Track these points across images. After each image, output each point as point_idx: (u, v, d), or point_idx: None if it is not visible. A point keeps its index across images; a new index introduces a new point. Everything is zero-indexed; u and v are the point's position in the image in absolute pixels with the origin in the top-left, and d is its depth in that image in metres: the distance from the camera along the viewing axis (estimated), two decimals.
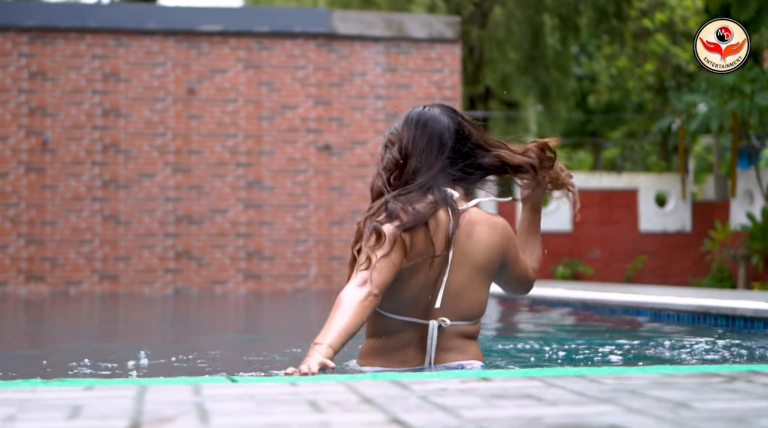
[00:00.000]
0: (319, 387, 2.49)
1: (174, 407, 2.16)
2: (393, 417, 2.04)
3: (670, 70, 23.39)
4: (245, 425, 1.93)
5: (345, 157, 13.22)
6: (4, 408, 2.14)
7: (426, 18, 13.51)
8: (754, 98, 14.12)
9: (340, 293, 3.10)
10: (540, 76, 17.39)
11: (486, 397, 2.33)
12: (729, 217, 15.81)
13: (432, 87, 13.32)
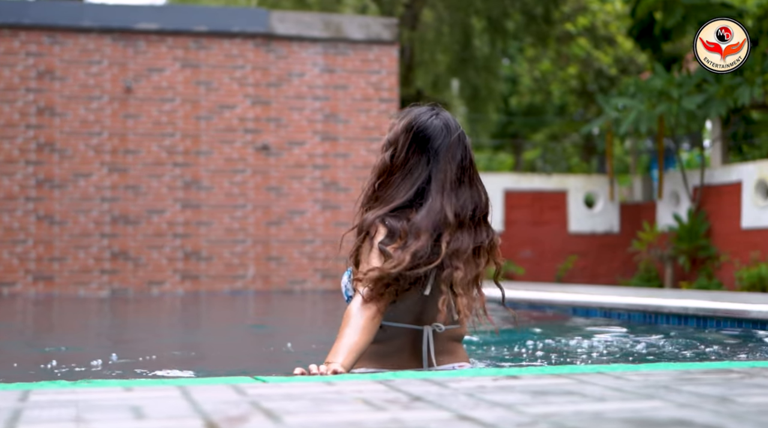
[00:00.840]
0: (360, 386, 2.53)
1: (234, 407, 2.18)
2: (458, 413, 2.09)
3: (592, 73, 23.78)
4: (320, 424, 1.97)
5: (283, 157, 13.21)
6: (63, 409, 2.14)
7: (364, 19, 13.56)
8: (682, 102, 14.45)
9: (348, 309, 3.10)
10: (470, 77, 17.55)
11: (531, 394, 2.39)
12: (656, 218, 16.15)
13: (370, 88, 13.37)
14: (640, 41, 17.35)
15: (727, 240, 14.59)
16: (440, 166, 3.28)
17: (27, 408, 2.16)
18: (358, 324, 3.07)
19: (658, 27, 16.07)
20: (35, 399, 2.31)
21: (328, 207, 13.29)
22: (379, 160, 3.40)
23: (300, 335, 6.99)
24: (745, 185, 14.29)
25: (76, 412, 2.10)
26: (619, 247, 16.47)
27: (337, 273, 13.37)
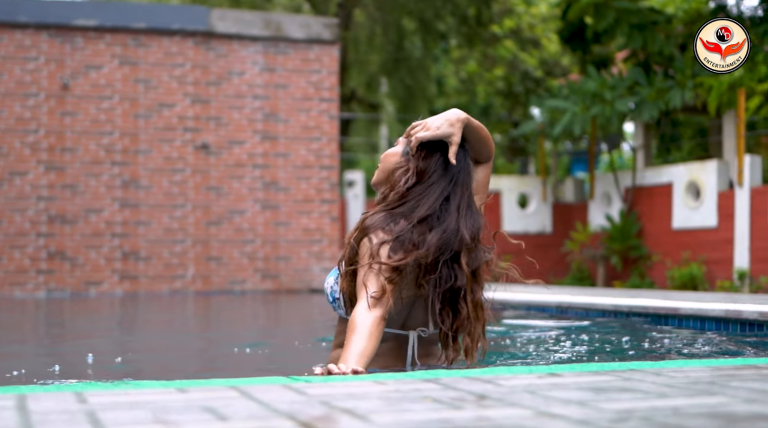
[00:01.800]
0: (412, 385, 2.54)
1: (308, 406, 2.17)
2: (539, 410, 2.12)
3: (518, 75, 24.03)
4: (411, 422, 1.98)
5: (223, 156, 13.11)
6: (138, 410, 2.11)
7: (304, 19, 13.51)
8: (615, 104, 14.69)
9: (353, 316, 3.18)
10: (404, 78, 17.63)
11: (592, 391, 2.43)
12: (588, 219, 16.41)
13: (310, 88, 13.35)
14: (570, 44, 17.61)
15: (658, 241, 14.89)
16: (458, 189, 3.40)
17: (99, 411, 2.13)
18: (366, 330, 3.14)
19: (590, 30, 16.32)
20: (97, 401, 2.28)
21: (268, 207, 13.23)
22: (402, 170, 3.45)
23: (243, 337, 6.90)
24: (676, 186, 14.60)
25: (153, 414, 2.08)
26: (551, 247, 16.69)
27: (276, 273, 13.32)
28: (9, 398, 2.27)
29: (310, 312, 10.16)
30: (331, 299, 3.50)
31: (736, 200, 13.45)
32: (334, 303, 3.50)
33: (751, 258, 13.20)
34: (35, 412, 2.05)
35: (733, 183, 13.67)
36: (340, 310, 3.49)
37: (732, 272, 13.52)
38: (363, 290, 3.22)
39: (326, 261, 13.37)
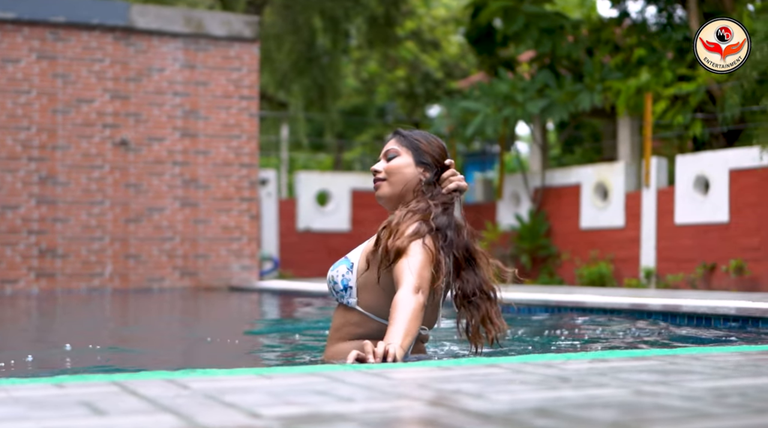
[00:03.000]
0: (485, 370, 2.66)
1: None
2: (637, 389, 2.28)
3: (419, 76, 24.32)
4: (529, 399, 2.10)
5: (142, 153, 12.98)
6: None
7: (225, 16, 13.48)
8: (526, 106, 15.02)
9: (399, 297, 3.29)
10: (316, 77, 17.70)
11: (660, 373, 2.59)
12: (497, 219, 16.73)
13: (230, 85, 13.32)
14: (477, 46, 17.91)
15: (566, 240, 15.28)
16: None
17: (223, 393, 2.18)
18: (411, 312, 3.24)
19: (500, 34, 16.64)
20: (230, 385, 2.34)
21: (188, 204, 13.16)
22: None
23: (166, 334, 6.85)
24: (584, 187, 15.01)
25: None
26: None
27: (195, 271, 13.27)
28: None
29: (231, 309, 10.14)
30: (342, 287, 3.59)
31: (642, 201, 13.90)
32: (345, 291, 3.59)
33: (657, 256, 13.66)
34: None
35: (641, 184, 14.12)
36: (351, 299, 3.59)
37: (638, 270, 13.97)
38: (409, 275, 3.34)
39: (245, 259, 13.37)
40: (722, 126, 14.14)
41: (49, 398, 2.15)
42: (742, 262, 12.34)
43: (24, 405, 2.05)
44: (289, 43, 17.41)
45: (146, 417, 1.89)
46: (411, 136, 3.81)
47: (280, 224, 15.74)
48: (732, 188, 12.70)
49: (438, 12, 25.97)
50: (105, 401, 2.08)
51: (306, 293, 11.53)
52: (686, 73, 14.50)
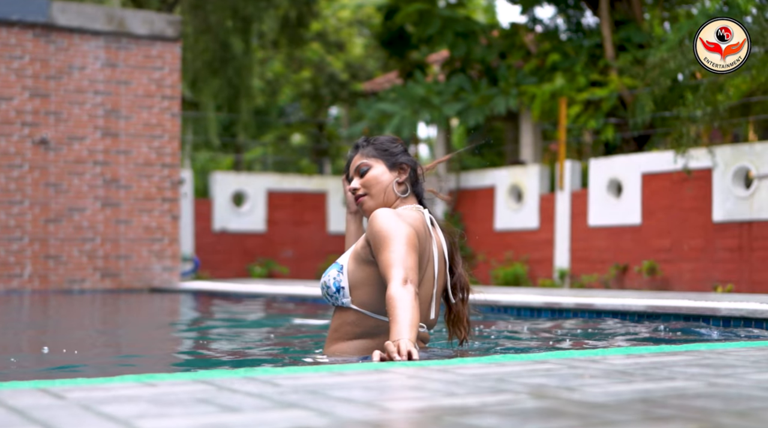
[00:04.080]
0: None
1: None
2: (709, 382, 2.42)
3: (324, 78, 24.40)
4: (621, 392, 2.22)
5: (62, 152, 12.76)
6: (365, 389, 2.23)
7: (148, 15, 13.33)
8: (442, 109, 15.25)
9: (391, 292, 3.27)
10: (230, 77, 17.63)
11: (713, 367, 2.76)
12: None
13: (152, 85, 13.19)
14: (389, 48, 18.09)
15: (481, 241, 15.55)
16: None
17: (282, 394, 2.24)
18: (405, 303, 3.23)
19: (415, 37, 16.83)
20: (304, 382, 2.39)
21: (109, 204, 12.99)
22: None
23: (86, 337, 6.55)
24: (499, 189, 15.30)
25: (375, 394, 2.20)
26: None
27: (116, 272, 13.10)
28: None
29: (151, 311, 10.04)
30: (335, 288, 3.61)
31: (557, 203, 14.24)
32: (338, 292, 3.61)
33: (572, 257, 14.02)
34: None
35: (555, 187, 14.46)
36: (345, 299, 3.62)
37: (553, 271, 14.31)
38: (393, 268, 3.34)
39: (167, 260, 13.26)
40: (633, 131, 14.59)
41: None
42: (654, 263, 12.77)
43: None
44: (203, 42, 17.30)
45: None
46: (375, 144, 3.87)
47: (195, 225, 15.64)
48: (644, 191, 13.12)
49: (343, 13, 26.09)
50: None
51: (227, 294, 11.53)
52: (598, 78, 14.91)
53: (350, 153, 3.94)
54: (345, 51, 25.28)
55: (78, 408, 1.99)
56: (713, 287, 11.97)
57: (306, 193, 16.77)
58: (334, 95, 24.61)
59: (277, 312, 8.71)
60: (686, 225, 12.62)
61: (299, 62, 25.05)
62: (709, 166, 12.17)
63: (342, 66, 24.76)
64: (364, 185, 3.78)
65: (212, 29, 17.47)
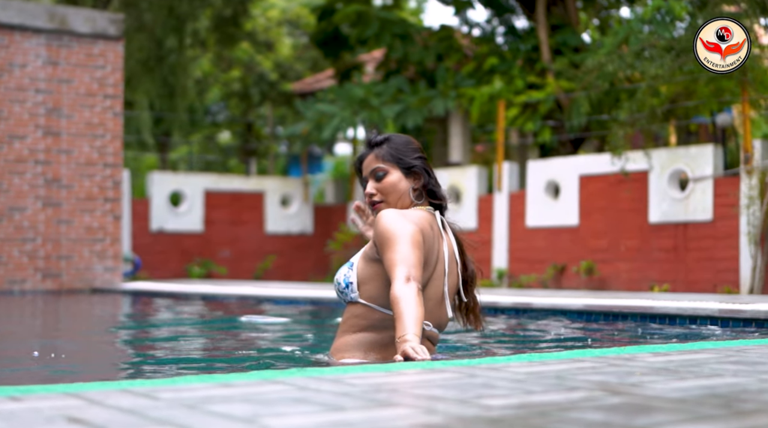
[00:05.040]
0: (592, 363, 2.91)
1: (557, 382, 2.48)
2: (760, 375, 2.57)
3: (253, 77, 24.35)
4: (684, 388, 2.36)
5: (3, 151, 12.56)
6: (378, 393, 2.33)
7: (90, 13, 13.20)
8: (382, 110, 15.35)
9: (396, 290, 3.38)
10: (165, 76, 17.52)
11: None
12: (348, 220, 17.00)
13: (94, 83, 13.07)
14: (324, 49, 18.15)
15: None
16: None
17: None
18: (412, 301, 3.34)
19: (353, 38, 16.91)
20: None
21: (50, 204, 12.83)
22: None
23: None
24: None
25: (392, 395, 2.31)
26: (312, 247, 17.15)
27: (58, 272, 12.95)
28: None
29: (91, 312, 9.92)
30: (344, 285, 3.71)
31: (495, 204, 14.44)
32: (347, 288, 3.71)
33: (510, 257, 14.23)
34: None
35: (493, 188, 14.66)
36: (353, 294, 3.71)
37: (491, 271, 14.51)
38: (396, 267, 3.44)
39: (109, 260, 13.15)
40: (569, 133, 14.88)
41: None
42: (591, 263, 13.03)
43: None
44: (137, 41, 17.17)
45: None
46: (390, 148, 3.85)
47: (132, 225, 15.52)
48: (582, 193, 13.38)
49: (272, 13, 26.06)
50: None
51: (170, 294, 11.50)
52: (536, 81, 15.16)
53: (364, 150, 3.93)
54: (274, 51, 25.27)
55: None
56: (650, 287, 12.25)
57: (244, 193, 16.74)
58: (263, 95, 24.58)
59: (234, 313, 8.72)
60: (623, 226, 12.89)
61: (228, 61, 24.96)
62: (645, 169, 12.45)
63: (271, 66, 24.74)
64: (380, 191, 3.80)
65: (147, 27, 17.34)
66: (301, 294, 9.87)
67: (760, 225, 11.00)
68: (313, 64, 25.47)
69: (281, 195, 17.11)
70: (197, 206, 16.22)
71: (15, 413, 1.99)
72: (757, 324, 5.74)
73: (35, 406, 2.08)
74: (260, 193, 16.85)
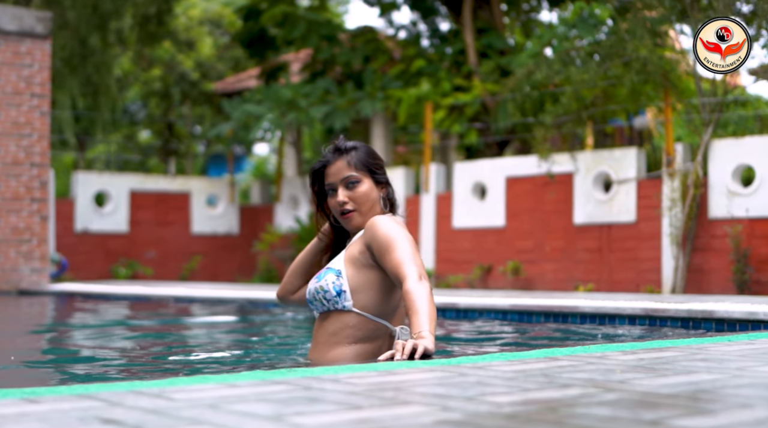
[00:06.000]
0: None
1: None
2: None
3: (175, 77, 24.19)
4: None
5: None
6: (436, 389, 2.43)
7: (17, 11, 13.01)
8: (309, 112, 15.40)
9: (407, 287, 3.38)
10: (89, 74, 17.33)
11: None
12: (275, 221, 17.03)
13: (21, 82, 12.89)
14: (249, 49, 18.14)
15: None
16: None
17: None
18: (428, 298, 3.35)
19: (280, 38, 16.94)
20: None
21: None
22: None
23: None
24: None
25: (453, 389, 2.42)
26: (238, 248, 17.14)
27: None
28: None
29: (18, 314, 9.77)
30: (335, 293, 3.64)
31: (422, 205, 14.60)
32: (339, 296, 3.64)
33: (437, 258, 14.40)
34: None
35: (420, 189, 14.81)
36: (347, 302, 3.66)
37: None
38: (408, 266, 3.46)
39: (36, 262, 12.98)
40: (495, 135, 15.11)
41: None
42: (517, 264, 13.26)
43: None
44: (61, 39, 16.96)
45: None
46: (362, 155, 3.83)
47: (57, 225, 15.34)
48: (508, 194, 13.61)
49: (193, 12, 25.92)
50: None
51: (100, 296, 11.43)
52: (462, 84, 15.36)
53: (330, 156, 3.85)
54: (195, 50, 25.14)
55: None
56: (575, 286, 12.52)
57: (169, 193, 16.66)
58: (184, 94, 24.44)
59: (175, 314, 8.73)
60: (548, 227, 13.15)
61: (149, 60, 24.75)
62: (570, 171, 12.72)
63: (192, 65, 24.61)
64: (353, 199, 3.76)
65: (70, 25, 17.13)
66: (238, 295, 9.90)
67: (682, 227, 11.33)
68: (235, 63, 25.39)
69: (207, 195, 17.05)
70: (122, 206, 16.09)
71: (44, 415, 2.01)
72: (683, 322, 6.01)
73: (58, 408, 2.10)
74: (186, 194, 16.78)
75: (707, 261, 11.35)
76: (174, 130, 26.10)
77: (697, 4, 11.28)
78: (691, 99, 12.00)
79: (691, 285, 11.38)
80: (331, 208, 3.82)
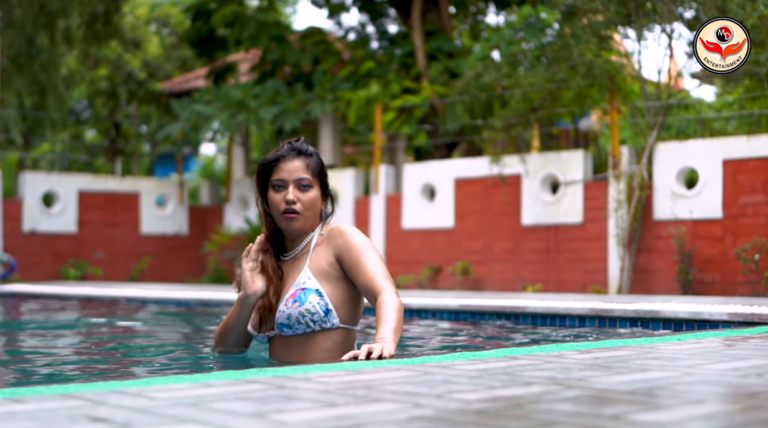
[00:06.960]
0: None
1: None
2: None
3: (121, 76, 24.08)
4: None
5: None
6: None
7: None
8: (259, 113, 15.44)
9: (384, 298, 3.50)
10: (36, 74, 17.20)
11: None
12: (225, 221, 17.04)
13: None
14: (198, 49, 18.13)
15: None
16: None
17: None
18: (400, 312, 3.47)
19: (231, 39, 16.95)
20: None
21: None
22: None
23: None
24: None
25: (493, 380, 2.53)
26: (187, 249, 17.12)
27: None
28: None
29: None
30: (323, 312, 3.65)
31: (371, 206, 14.70)
32: (327, 315, 3.66)
33: (386, 259, 14.51)
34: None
35: (370, 190, 14.91)
36: (335, 320, 3.69)
37: None
38: (383, 280, 3.56)
39: None
40: (444, 137, 15.27)
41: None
42: (466, 264, 13.41)
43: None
44: (8, 37, 16.82)
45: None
46: (318, 163, 3.81)
47: (4, 225, 15.22)
48: (457, 196, 13.76)
49: (140, 11, 25.80)
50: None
51: (50, 296, 11.38)
52: (411, 86, 15.50)
53: (286, 152, 3.77)
54: (142, 49, 25.04)
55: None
56: (523, 287, 12.69)
57: (118, 193, 16.59)
58: (131, 94, 24.33)
59: (122, 314, 8.74)
60: (497, 228, 13.31)
61: (95, 59, 24.60)
62: (519, 173, 12.89)
63: (139, 65, 24.50)
64: (302, 203, 3.71)
65: (17, 24, 17.00)
66: (190, 295, 9.94)
67: (628, 228, 11.55)
68: (182, 63, 25.31)
69: (156, 196, 17.01)
70: (71, 207, 16.01)
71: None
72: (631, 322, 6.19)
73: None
74: (135, 194, 16.73)
75: (652, 262, 11.58)
76: (120, 130, 25.95)
77: (642, 9, 11.51)
78: (636, 102, 12.23)
79: (636, 285, 11.60)
80: (274, 203, 3.73)
